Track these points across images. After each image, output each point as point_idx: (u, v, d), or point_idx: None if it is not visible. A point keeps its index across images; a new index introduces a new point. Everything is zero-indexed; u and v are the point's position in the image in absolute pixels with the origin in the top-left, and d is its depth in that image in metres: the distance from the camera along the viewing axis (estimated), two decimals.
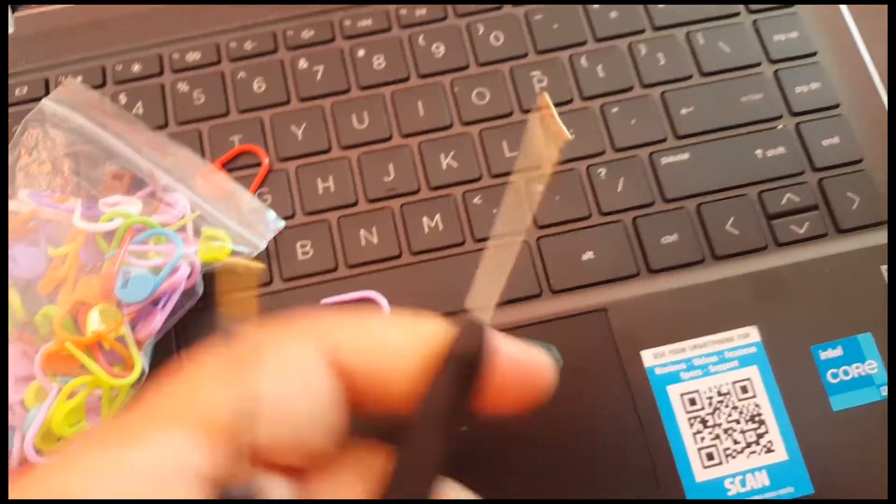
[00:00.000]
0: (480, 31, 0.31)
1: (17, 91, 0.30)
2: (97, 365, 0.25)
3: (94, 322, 0.25)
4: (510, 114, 0.29)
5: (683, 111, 0.29)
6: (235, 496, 0.13)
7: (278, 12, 0.31)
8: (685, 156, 0.28)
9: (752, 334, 0.27)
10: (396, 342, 0.14)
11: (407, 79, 0.30)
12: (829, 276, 0.27)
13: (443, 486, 0.14)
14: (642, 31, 0.30)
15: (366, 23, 0.31)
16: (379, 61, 0.30)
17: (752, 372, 0.26)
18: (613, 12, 0.30)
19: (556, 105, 0.29)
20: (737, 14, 0.31)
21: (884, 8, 0.32)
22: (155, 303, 0.26)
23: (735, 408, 0.26)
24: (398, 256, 0.28)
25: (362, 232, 0.28)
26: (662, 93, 0.29)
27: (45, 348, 0.25)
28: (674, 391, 0.26)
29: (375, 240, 0.28)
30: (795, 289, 0.27)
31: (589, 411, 0.26)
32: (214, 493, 0.13)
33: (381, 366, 0.14)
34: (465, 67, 0.30)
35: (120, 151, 0.28)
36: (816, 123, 0.29)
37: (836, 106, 0.29)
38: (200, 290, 0.27)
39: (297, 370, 0.14)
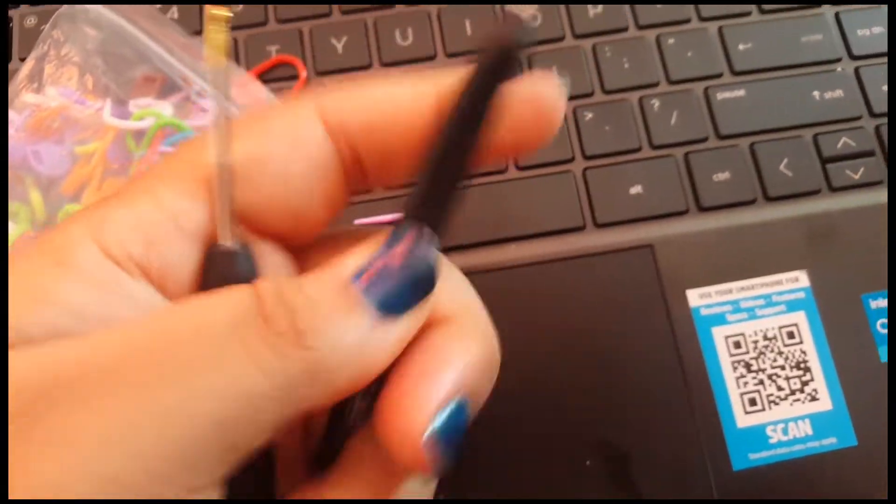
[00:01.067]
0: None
1: None
2: None
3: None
4: (562, 38, 0.28)
5: (741, 47, 0.28)
6: (226, 251, 0.12)
7: None
8: (741, 92, 0.27)
9: (801, 279, 0.26)
10: (398, 96, 0.13)
11: None
12: (881, 224, 0.26)
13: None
14: None
15: None
16: None
17: (800, 318, 0.25)
18: None
19: (610, 32, 0.28)
20: None
21: None
22: None
23: (781, 353, 0.25)
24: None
25: None
26: (720, 27, 0.28)
27: None
28: (718, 333, 0.25)
29: None
30: (848, 235, 0.26)
31: (631, 349, 0.25)
32: (206, 249, 0.12)
33: (382, 121, 0.13)
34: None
35: (154, 54, 0.27)
36: (876, 69, 0.28)
37: None
38: None
39: (290, 130, 0.13)
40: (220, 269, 0.12)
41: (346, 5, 0.28)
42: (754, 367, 0.25)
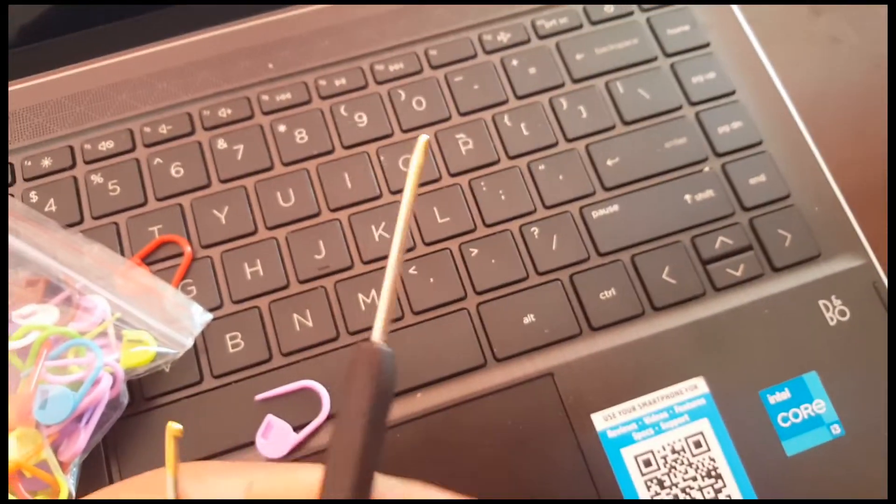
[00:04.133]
0: (402, 98, 0.30)
1: None
2: (17, 498, 0.23)
3: (13, 450, 0.24)
4: (438, 179, 0.29)
5: (609, 162, 0.29)
6: (377, 349, 0.16)
7: (192, 92, 0.31)
8: (615, 207, 0.28)
9: (699, 386, 0.26)
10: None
11: (331, 151, 0.29)
12: (769, 317, 0.27)
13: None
14: (562, 85, 0.30)
15: (284, 96, 0.30)
16: (301, 135, 0.30)
17: (704, 425, 0.26)
18: (532, 68, 0.30)
19: (483, 167, 0.29)
20: (654, 59, 0.31)
21: (794, 41, 0.33)
22: (79, 419, 0.25)
23: (691, 465, 0.25)
24: (336, 338, 0.27)
25: (296, 316, 0.27)
26: (587, 146, 0.29)
27: None
28: (628, 454, 0.25)
29: (310, 323, 0.27)
30: (738, 333, 0.27)
31: (547, 481, 0.25)
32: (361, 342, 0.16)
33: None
34: (390, 135, 0.30)
35: (31, 256, 0.27)
36: (742, 163, 0.29)
37: (760, 143, 0.30)
38: (126, 399, 0.25)
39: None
40: (367, 360, 0.16)
41: (225, 174, 0.29)
42: (667, 483, 0.25)
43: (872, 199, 0.30)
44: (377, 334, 0.17)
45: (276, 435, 0.26)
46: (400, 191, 0.29)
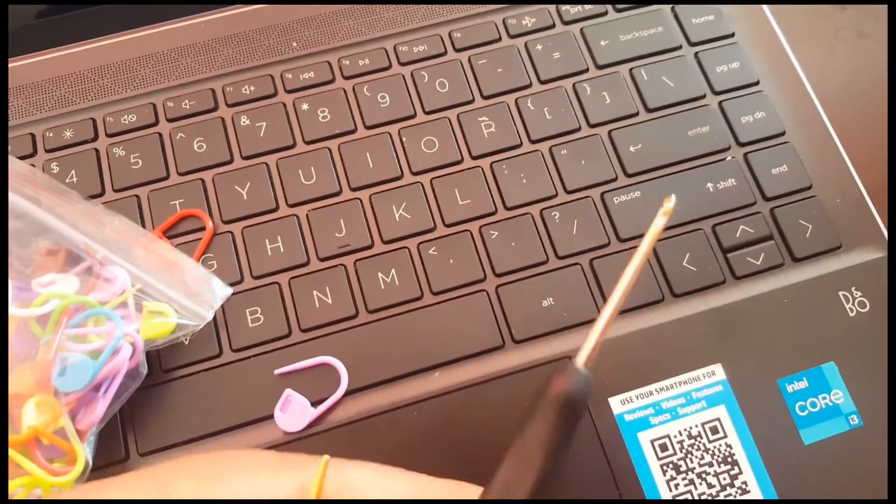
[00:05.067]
0: (425, 79, 0.30)
1: None
2: (35, 465, 0.23)
3: (30, 416, 0.24)
4: (460, 161, 0.29)
5: (632, 149, 0.29)
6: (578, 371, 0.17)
7: (216, 68, 0.31)
8: (637, 194, 0.28)
9: (717, 372, 0.26)
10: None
11: (353, 130, 0.29)
12: (788, 307, 0.27)
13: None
14: (586, 71, 0.30)
15: (308, 75, 0.30)
16: (324, 114, 0.30)
17: (721, 411, 0.26)
18: (556, 53, 0.30)
19: (505, 150, 0.29)
20: (679, 48, 0.31)
21: (818, 32, 0.33)
22: (97, 388, 0.25)
23: (707, 450, 0.25)
24: (354, 316, 0.27)
25: (315, 293, 0.27)
26: (610, 132, 0.29)
27: None
28: (644, 438, 0.26)
29: (329, 300, 0.27)
30: (757, 322, 0.27)
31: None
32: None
33: None
34: (412, 116, 0.30)
35: (53, 226, 0.27)
36: (764, 153, 0.29)
37: (782, 133, 0.30)
38: (145, 369, 0.25)
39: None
40: (563, 380, 0.17)
41: (248, 151, 0.29)
42: (683, 468, 0.25)
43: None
44: (581, 358, 0.18)
45: (294, 409, 0.26)
46: (421, 171, 0.29)
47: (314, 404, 0.26)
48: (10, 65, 0.31)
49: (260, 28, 0.31)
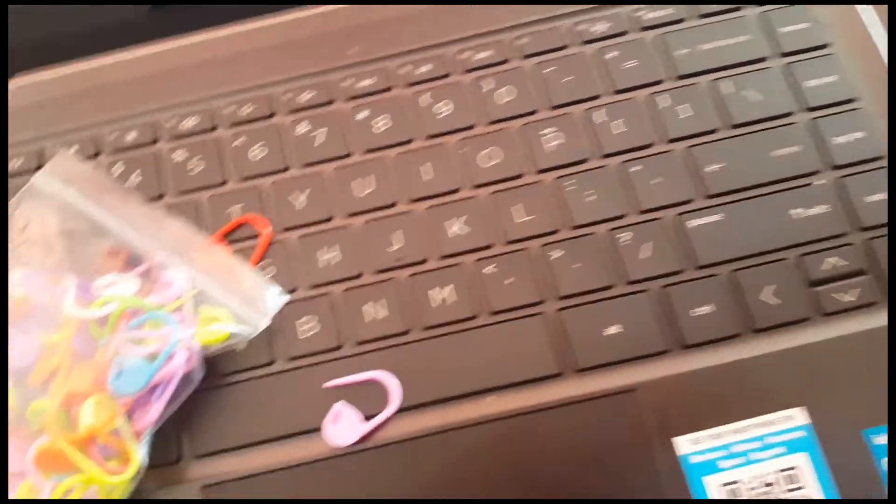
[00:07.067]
0: (489, 88, 0.29)
1: (14, 163, 0.30)
2: (91, 462, 0.23)
3: (88, 415, 0.24)
4: (523, 174, 0.28)
5: (711, 168, 0.27)
6: None
7: (275, 74, 0.30)
8: (716, 217, 0.26)
9: (797, 417, 0.24)
10: None
11: (412, 140, 0.28)
12: (881, 351, 0.24)
13: None
14: (663, 81, 0.28)
15: (367, 82, 0.29)
16: (382, 122, 0.29)
17: (801, 459, 0.24)
18: (630, 62, 0.28)
19: (572, 164, 0.27)
20: (765, 59, 0.29)
21: None
22: (152, 391, 0.25)
23: (782, 501, 0.23)
24: (407, 332, 0.26)
25: (368, 306, 0.26)
26: (688, 148, 0.27)
27: (37, 445, 0.23)
28: (711, 482, 0.24)
29: (382, 314, 0.26)
30: (844, 365, 0.24)
31: None
32: None
33: None
34: (473, 126, 0.28)
35: (114, 227, 0.27)
36: (860, 178, 0.26)
37: (881, 158, 0.27)
38: (200, 374, 0.25)
39: None
40: None
41: (305, 159, 0.28)
42: None
43: None
44: None
45: (345, 423, 0.25)
46: (481, 184, 0.28)
47: (365, 420, 0.25)
48: (73, 69, 0.31)
49: (319, 34, 0.31)
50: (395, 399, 0.25)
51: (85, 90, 0.30)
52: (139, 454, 0.24)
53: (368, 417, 0.25)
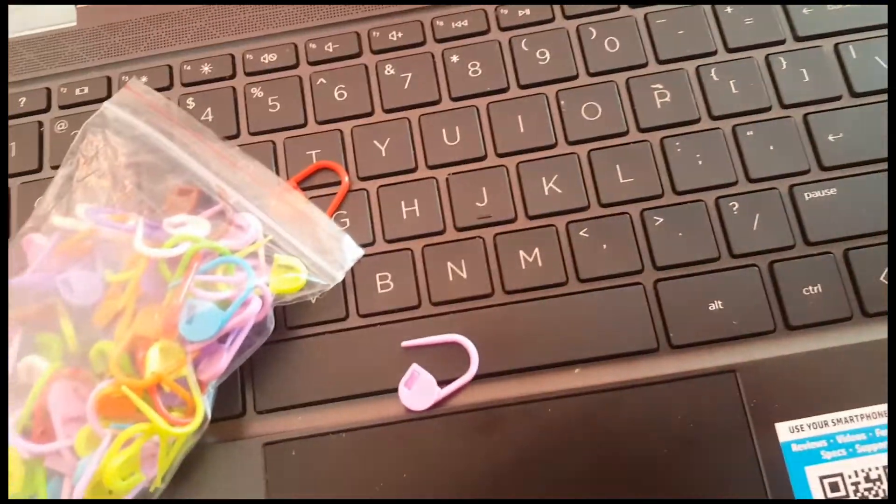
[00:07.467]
0: (593, 36, 0.27)
1: (78, 91, 0.28)
2: (155, 412, 0.22)
3: (154, 361, 0.22)
4: (625, 132, 0.26)
5: (830, 138, 0.25)
6: None
7: (364, 11, 0.28)
8: (832, 191, 0.24)
9: None
10: None
11: (506, 89, 0.27)
12: None
13: None
14: (783, 42, 0.26)
15: (461, 24, 0.27)
16: (475, 68, 0.27)
17: None
18: (749, 18, 0.26)
19: (680, 125, 0.25)
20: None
21: None
22: (222, 339, 0.23)
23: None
24: (489, 295, 0.24)
25: (449, 265, 0.25)
26: (805, 115, 0.25)
27: (98, 389, 0.22)
28: (813, 473, 0.22)
29: (464, 274, 0.25)
30: None
31: (708, 489, 0.22)
32: None
33: None
34: (574, 77, 0.26)
35: (186, 164, 0.25)
36: None
37: None
38: (272, 325, 0.24)
39: None
40: None
41: (390, 103, 0.26)
42: None
43: None
44: None
45: (420, 386, 0.24)
46: (578, 141, 0.26)
47: (440, 384, 0.24)
48: None
49: None
50: (474, 364, 0.24)
51: (157, 16, 0.29)
52: (204, 405, 0.23)
53: (447, 382, 0.24)
